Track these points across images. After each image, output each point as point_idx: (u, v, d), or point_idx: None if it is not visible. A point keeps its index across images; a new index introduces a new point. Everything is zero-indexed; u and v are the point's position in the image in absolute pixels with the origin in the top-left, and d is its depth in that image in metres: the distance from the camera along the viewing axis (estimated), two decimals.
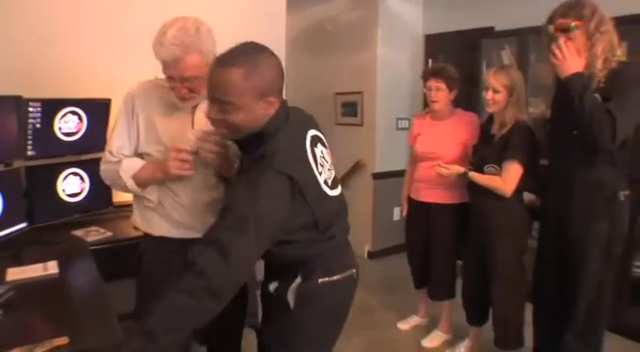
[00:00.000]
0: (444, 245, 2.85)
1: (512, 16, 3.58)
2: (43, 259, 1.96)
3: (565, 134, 2.11)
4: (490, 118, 2.59)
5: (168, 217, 1.70)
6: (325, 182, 1.46)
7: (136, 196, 1.76)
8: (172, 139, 1.64)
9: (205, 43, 1.53)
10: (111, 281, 1.87)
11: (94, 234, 2.42)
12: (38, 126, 2.35)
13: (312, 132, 1.49)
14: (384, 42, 4.27)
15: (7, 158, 2.25)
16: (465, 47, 3.98)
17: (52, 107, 2.40)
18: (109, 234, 2.43)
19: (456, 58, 3.78)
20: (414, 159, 2.98)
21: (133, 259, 1.81)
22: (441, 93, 2.75)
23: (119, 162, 1.68)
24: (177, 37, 1.47)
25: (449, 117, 2.83)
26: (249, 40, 1.38)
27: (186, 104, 1.62)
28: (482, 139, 2.59)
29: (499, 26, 3.77)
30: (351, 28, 4.43)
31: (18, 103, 2.24)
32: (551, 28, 2.01)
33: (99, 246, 2.30)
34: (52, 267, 1.90)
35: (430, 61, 4.27)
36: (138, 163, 1.67)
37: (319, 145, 1.50)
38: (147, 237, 1.77)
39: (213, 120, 1.38)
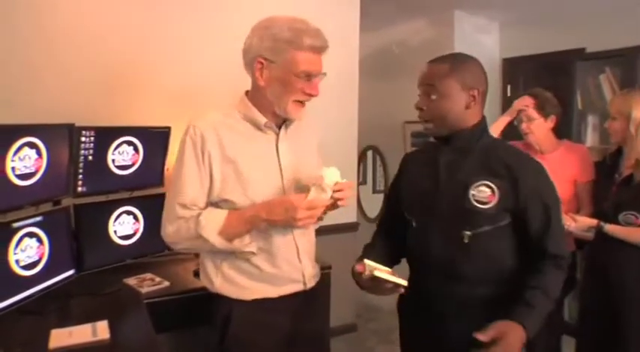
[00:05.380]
0: None
1: (607, 36, 3.19)
2: (92, 314, 1.73)
3: None
4: (617, 153, 2.16)
5: (263, 275, 1.43)
6: None
7: (210, 259, 1.48)
8: (258, 181, 1.41)
9: None
10: (163, 332, 1.74)
11: (148, 284, 2.07)
12: (90, 158, 2.07)
13: None
14: None
15: (55, 195, 1.95)
16: (550, 71, 3.58)
17: (106, 136, 2.12)
18: (166, 283, 2.09)
19: (538, 84, 3.35)
20: None
21: (214, 323, 1.48)
22: (534, 124, 2.34)
23: (195, 218, 1.38)
24: (316, 28, 1.37)
25: (553, 150, 2.38)
26: None
27: (298, 115, 1.42)
28: (607, 179, 2.16)
29: (591, 47, 3.36)
30: (424, 52, 3.98)
31: (70, 132, 1.95)
32: None
33: (154, 299, 1.98)
34: (102, 330, 1.62)
35: (509, 88, 3.87)
36: (219, 215, 1.38)
37: None
38: (232, 301, 1.44)
39: (420, 111, 1.40)
